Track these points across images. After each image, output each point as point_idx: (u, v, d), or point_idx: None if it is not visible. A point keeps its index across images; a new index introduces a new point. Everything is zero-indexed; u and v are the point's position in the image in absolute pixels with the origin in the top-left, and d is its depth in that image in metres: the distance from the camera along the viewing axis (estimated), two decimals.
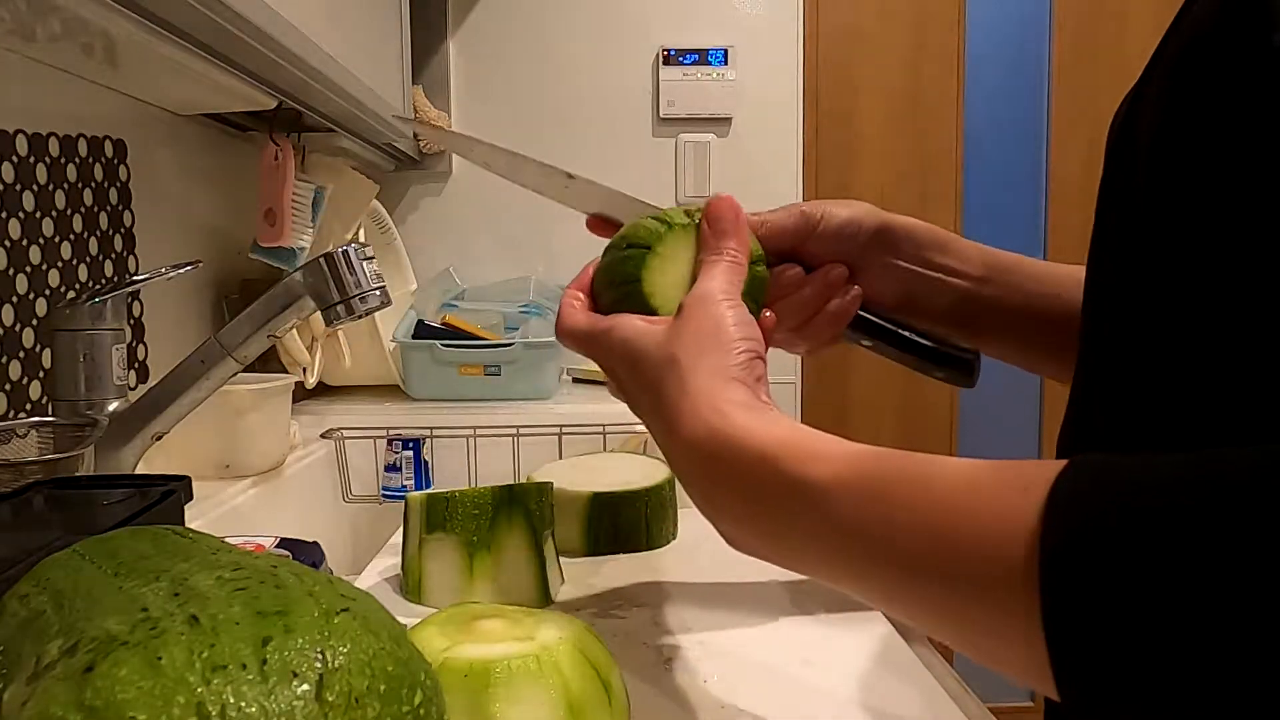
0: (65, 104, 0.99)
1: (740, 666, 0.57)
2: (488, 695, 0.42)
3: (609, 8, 1.98)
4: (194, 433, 0.97)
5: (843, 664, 0.57)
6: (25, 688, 0.29)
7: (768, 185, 2.03)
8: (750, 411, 0.43)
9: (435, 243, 1.97)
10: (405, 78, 1.46)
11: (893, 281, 0.61)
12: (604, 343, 0.51)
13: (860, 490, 0.37)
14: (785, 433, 0.42)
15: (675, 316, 0.49)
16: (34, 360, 0.91)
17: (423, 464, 1.31)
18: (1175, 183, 0.37)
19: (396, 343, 1.58)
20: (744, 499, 0.42)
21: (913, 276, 0.61)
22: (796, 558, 0.41)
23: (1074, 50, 2.36)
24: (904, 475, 0.37)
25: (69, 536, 0.48)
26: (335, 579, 0.34)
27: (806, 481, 0.39)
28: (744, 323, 0.48)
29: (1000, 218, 2.42)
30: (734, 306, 0.49)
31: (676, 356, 0.46)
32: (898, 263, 0.61)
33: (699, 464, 0.44)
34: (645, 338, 0.49)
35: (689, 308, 0.49)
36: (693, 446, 0.44)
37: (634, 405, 0.51)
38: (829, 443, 0.41)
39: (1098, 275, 0.46)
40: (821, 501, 0.38)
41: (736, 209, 0.53)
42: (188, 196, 1.28)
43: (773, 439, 0.41)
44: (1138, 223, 0.40)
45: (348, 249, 0.84)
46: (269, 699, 0.27)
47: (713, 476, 0.43)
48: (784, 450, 0.40)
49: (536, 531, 0.66)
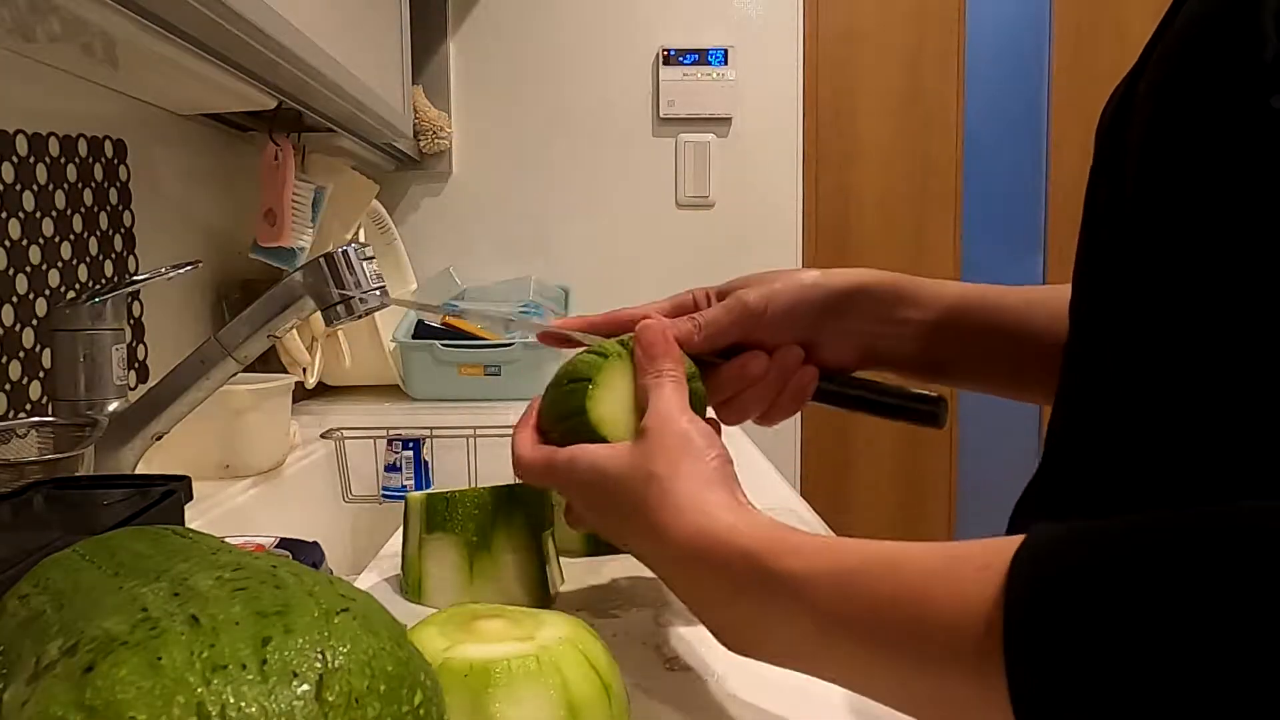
0: (65, 104, 0.99)
1: (740, 667, 0.57)
2: (488, 695, 0.42)
3: (609, 8, 1.98)
4: (194, 433, 0.97)
5: None
6: (25, 688, 0.29)
7: (768, 185, 2.03)
8: (733, 512, 0.45)
9: (435, 243, 1.97)
10: (405, 78, 1.46)
11: (851, 345, 0.63)
12: (565, 471, 0.53)
13: (835, 579, 0.39)
14: (766, 530, 0.43)
15: (640, 438, 0.51)
16: (34, 360, 0.91)
17: (423, 464, 1.31)
18: (1164, 201, 0.38)
19: (396, 343, 1.58)
20: (730, 594, 0.43)
21: (871, 334, 0.63)
22: (782, 650, 0.42)
23: (1074, 50, 2.36)
24: (874, 562, 0.38)
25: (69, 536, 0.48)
26: (335, 579, 0.34)
27: (786, 574, 0.41)
28: (707, 433, 0.50)
29: (1000, 218, 2.42)
30: (693, 420, 0.51)
31: (654, 472, 0.48)
32: (854, 327, 0.62)
33: (687, 564, 0.45)
34: (613, 460, 0.51)
35: (652, 428, 0.51)
36: (681, 547, 0.45)
37: (602, 525, 0.53)
38: (806, 538, 0.42)
39: (1086, 288, 0.46)
40: (800, 592, 0.40)
41: (665, 332, 0.56)
42: (188, 196, 1.28)
43: (755, 537, 0.43)
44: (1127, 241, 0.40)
45: (348, 249, 0.84)
46: (269, 699, 0.27)
47: (700, 575, 0.45)
48: (765, 547, 0.42)
49: (536, 531, 0.66)
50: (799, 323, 0.61)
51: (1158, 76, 0.39)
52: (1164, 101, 0.38)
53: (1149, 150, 0.38)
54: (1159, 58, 0.39)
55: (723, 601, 0.44)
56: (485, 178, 1.98)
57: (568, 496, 0.55)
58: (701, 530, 0.45)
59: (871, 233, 2.31)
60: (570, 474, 0.53)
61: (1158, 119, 0.38)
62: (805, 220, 2.10)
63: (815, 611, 0.39)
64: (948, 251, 2.33)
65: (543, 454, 0.55)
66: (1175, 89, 0.37)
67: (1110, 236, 0.43)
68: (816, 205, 2.29)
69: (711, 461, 0.48)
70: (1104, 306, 0.43)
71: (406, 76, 1.48)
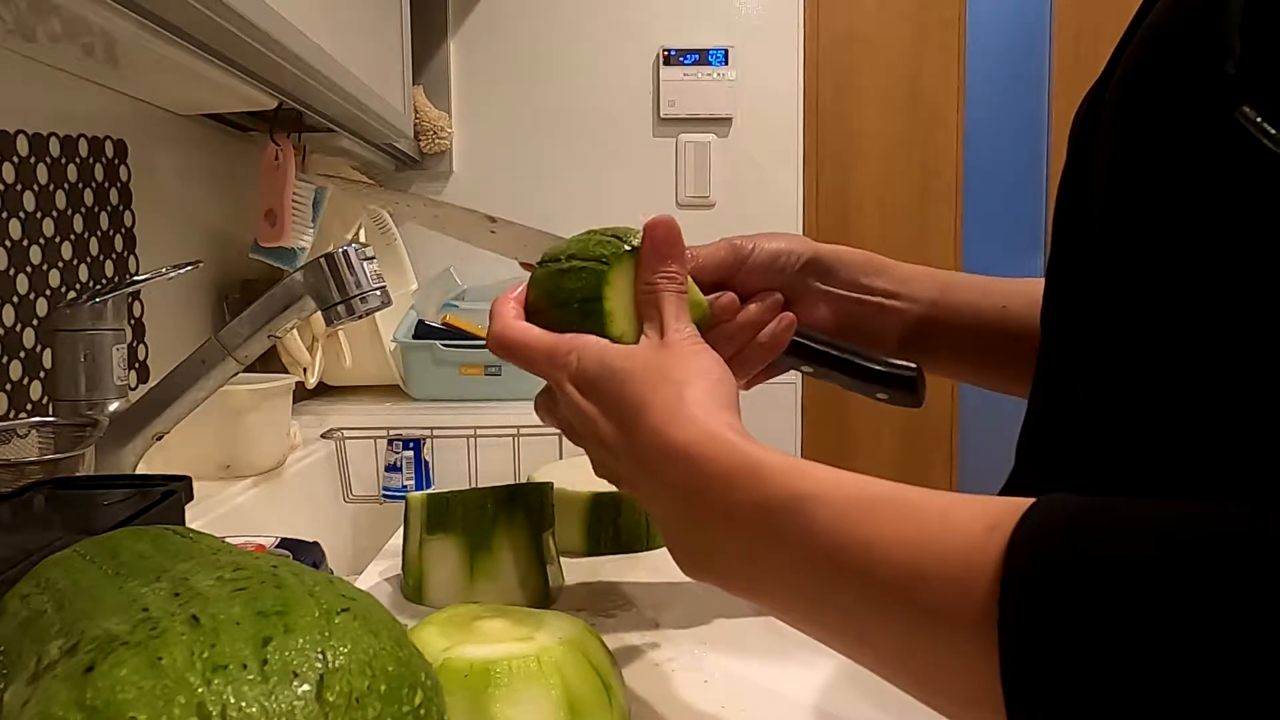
0: (66, 104, 0.99)
1: (741, 667, 0.57)
2: (488, 695, 0.42)
3: (609, 8, 1.98)
4: (194, 433, 0.97)
5: (844, 665, 0.57)
6: (26, 688, 0.29)
7: (768, 185, 2.03)
8: (743, 434, 0.44)
9: (435, 243, 1.97)
10: (405, 78, 1.46)
11: (829, 309, 0.62)
12: (564, 361, 0.50)
13: (841, 506, 0.38)
14: (777, 453, 0.42)
15: (660, 343, 0.49)
16: (34, 360, 0.92)
17: (423, 464, 1.31)
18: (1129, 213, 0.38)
19: (397, 343, 1.58)
20: (725, 509, 0.41)
21: (849, 302, 0.62)
22: (761, 579, 0.40)
23: (1074, 50, 2.36)
24: (883, 499, 0.37)
25: (70, 536, 0.48)
26: (336, 579, 0.34)
27: (790, 492, 0.39)
28: (719, 359, 0.49)
29: (1000, 218, 2.42)
30: (705, 345, 0.49)
31: (671, 377, 0.46)
32: (832, 289, 0.62)
33: (686, 470, 0.43)
34: (627, 360, 0.48)
35: (673, 338, 0.49)
36: (684, 450, 0.43)
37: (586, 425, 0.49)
38: (817, 467, 0.41)
39: (1055, 291, 0.47)
40: (801, 513, 0.38)
41: (678, 230, 0.52)
42: (188, 196, 1.28)
43: (765, 453, 0.42)
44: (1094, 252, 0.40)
45: (348, 249, 0.84)
46: (269, 699, 0.27)
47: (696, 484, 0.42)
48: (773, 463, 0.41)
49: (536, 532, 0.66)
50: (779, 274, 0.60)
51: (1121, 89, 0.39)
52: (1128, 113, 0.38)
53: (1114, 162, 0.38)
54: (1123, 68, 0.39)
55: (714, 518, 0.42)
56: (485, 178, 1.98)
57: (559, 387, 0.50)
58: (712, 436, 0.43)
59: (872, 232, 2.31)
60: (570, 365, 0.49)
61: (1122, 130, 0.38)
62: (805, 220, 2.10)
63: (812, 535, 0.38)
64: (948, 251, 2.33)
65: (541, 338, 0.51)
66: (1138, 100, 0.37)
67: (1079, 248, 0.43)
68: (816, 205, 2.29)
69: (727, 386, 0.47)
70: (1072, 317, 0.44)
71: (407, 76, 1.48)
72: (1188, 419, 0.35)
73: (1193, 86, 0.34)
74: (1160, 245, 0.36)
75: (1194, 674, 0.27)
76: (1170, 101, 0.35)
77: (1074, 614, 0.29)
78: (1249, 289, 0.32)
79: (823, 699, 0.53)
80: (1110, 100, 0.40)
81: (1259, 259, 0.32)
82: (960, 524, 0.34)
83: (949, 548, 0.33)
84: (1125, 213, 0.38)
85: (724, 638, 0.61)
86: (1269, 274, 0.32)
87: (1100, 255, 0.40)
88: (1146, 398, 0.37)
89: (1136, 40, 0.39)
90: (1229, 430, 0.34)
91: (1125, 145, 0.38)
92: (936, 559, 0.34)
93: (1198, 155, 0.34)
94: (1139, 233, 0.37)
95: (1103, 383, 0.40)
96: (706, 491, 0.42)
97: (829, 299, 0.62)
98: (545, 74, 1.98)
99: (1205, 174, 0.34)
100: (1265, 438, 0.32)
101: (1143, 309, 0.37)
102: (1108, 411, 0.40)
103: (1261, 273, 0.32)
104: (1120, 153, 0.38)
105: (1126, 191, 0.38)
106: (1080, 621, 0.29)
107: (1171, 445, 0.36)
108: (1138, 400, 0.38)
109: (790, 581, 0.39)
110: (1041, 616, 0.30)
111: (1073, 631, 0.29)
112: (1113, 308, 0.39)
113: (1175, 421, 0.36)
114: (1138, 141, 0.37)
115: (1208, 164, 0.33)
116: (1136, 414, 0.38)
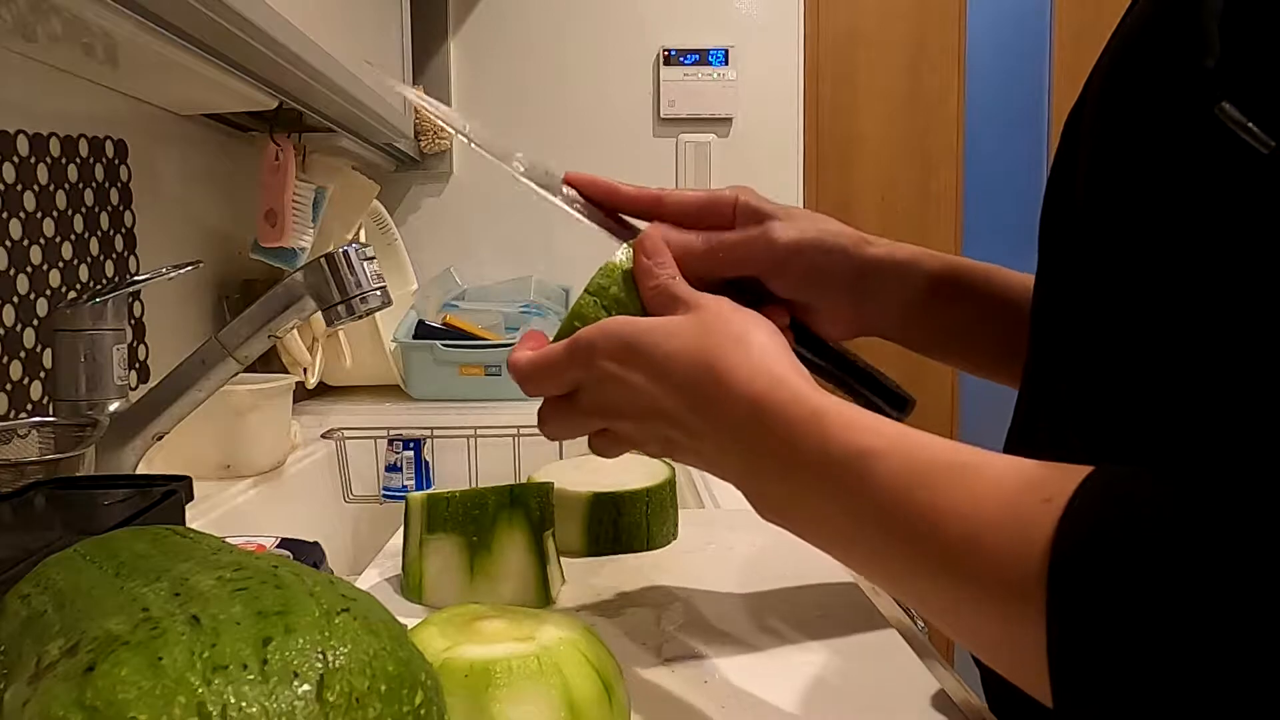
0: (66, 104, 0.99)
1: (741, 667, 0.57)
2: (488, 696, 0.42)
3: (609, 8, 1.98)
4: (195, 433, 0.97)
5: (844, 665, 0.57)
6: (26, 687, 0.29)
7: (768, 185, 2.02)
8: (810, 384, 0.44)
9: (435, 243, 1.97)
10: (405, 78, 1.47)
11: (849, 320, 0.61)
12: (588, 347, 0.49)
13: (902, 464, 0.38)
14: (846, 405, 0.42)
15: (695, 311, 0.48)
16: (35, 360, 0.92)
17: (423, 464, 1.31)
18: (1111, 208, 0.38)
19: (397, 343, 1.58)
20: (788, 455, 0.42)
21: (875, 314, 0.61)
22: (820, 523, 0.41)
23: (1074, 50, 2.36)
24: (943, 464, 0.37)
25: (70, 536, 0.48)
26: (336, 579, 0.34)
27: (855, 446, 0.40)
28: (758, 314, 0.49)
29: (1000, 217, 2.42)
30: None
31: (728, 331, 0.46)
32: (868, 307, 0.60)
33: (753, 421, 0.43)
34: (669, 323, 0.47)
35: (707, 305, 0.48)
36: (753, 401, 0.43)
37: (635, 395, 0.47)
38: (882, 421, 0.41)
39: (1042, 287, 0.47)
40: (863, 468, 0.39)
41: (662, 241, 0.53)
42: (188, 197, 1.28)
43: (831, 403, 0.42)
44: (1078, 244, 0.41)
45: (348, 249, 0.84)
46: (270, 699, 0.27)
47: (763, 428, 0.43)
48: (839, 416, 0.41)
49: (537, 532, 0.66)
50: (812, 290, 0.59)
51: (1101, 85, 0.39)
52: (1109, 109, 0.38)
53: (1096, 158, 0.39)
54: (1104, 65, 0.39)
55: (776, 462, 0.42)
56: (485, 178, 1.98)
57: (590, 370, 0.49)
58: (779, 380, 0.43)
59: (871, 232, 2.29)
60: (595, 347, 0.48)
61: (1103, 127, 0.38)
62: None
63: (873, 490, 0.38)
64: (948, 251, 2.32)
65: (555, 345, 0.50)
66: (1119, 97, 0.37)
67: (1063, 243, 0.43)
68: (817, 205, 2.29)
69: (780, 334, 0.47)
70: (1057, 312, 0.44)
71: (407, 77, 1.48)
72: (1169, 413, 0.35)
73: (1172, 82, 0.34)
74: (1141, 240, 0.36)
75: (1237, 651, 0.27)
76: (1150, 97, 0.35)
77: (1122, 593, 0.29)
78: (1230, 282, 0.32)
79: (823, 699, 0.53)
80: (1092, 97, 0.40)
81: (1240, 253, 0.32)
82: (1013, 494, 0.34)
83: (1002, 520, 0.34)
84: (1107, 208, 0.38)
85: (724, 638, 0.61)
86: (1250, 267, 0.32)
87: (1083, 250, 0.40)
88: (1128, 392, 0.37)
89: (1117, 36, 0.39)
90: (1210, 422, 0.34)
91: (1107, 141, 0.38)
92: (990, 530, 0.34)
93: (1178, 150, 0.34)
94: (1120, 228, 0.37)
95: (1085, 377, 0.40)
96: (772, 439, 0.42)
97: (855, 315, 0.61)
98: (545, 74, 1.98)
99: (1186, 169, 0.34)
100: (1246, 429, 0.32)
101: (1124, 303, 0.37)
102: (1090, 406, 0.40)
103: (1242, 266, 0.32)
104: (1102, 149, 0.38)
105: (1108, 187, 0.38)
106: (1124, 596, 0.29)
107: (1151, 439, 0.36)
108: (1119, 393, 0.38)
109: (850, 534, 0.40)
110: (1089, 594, 0.30)
111: (1120, 611, 0.29)
112: (1095, 302, 0.39)
113: (1156, 415, 0.36)
114: (1119, 137, 0.37)
115: (1188, 159, 0.34)
116: (1118, 408, 0.38)
